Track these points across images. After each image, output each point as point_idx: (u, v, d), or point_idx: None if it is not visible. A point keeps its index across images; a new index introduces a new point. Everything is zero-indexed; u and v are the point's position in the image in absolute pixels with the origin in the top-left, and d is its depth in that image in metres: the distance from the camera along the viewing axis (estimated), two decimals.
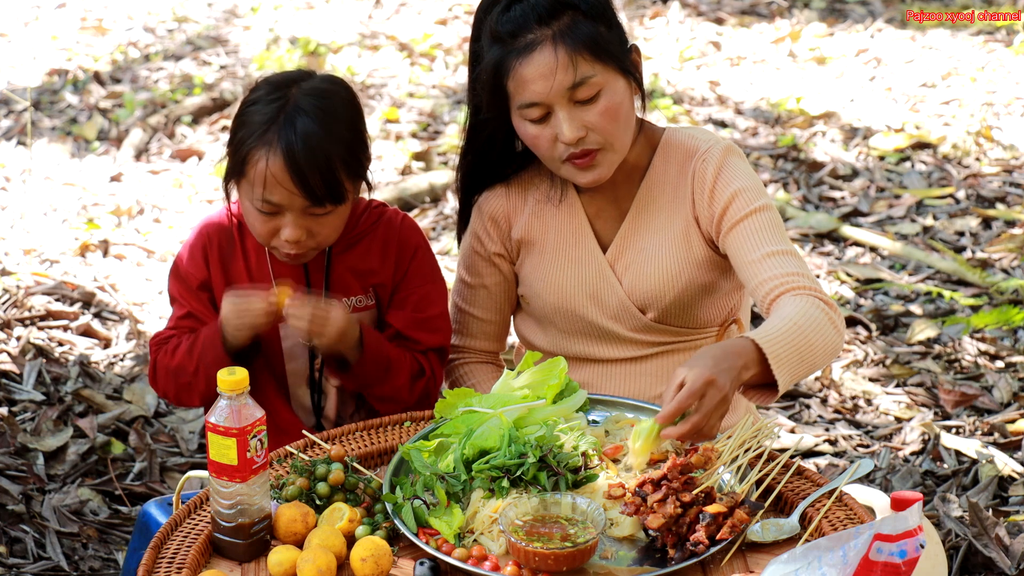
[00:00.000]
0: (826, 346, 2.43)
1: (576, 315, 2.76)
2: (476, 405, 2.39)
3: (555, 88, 2.54)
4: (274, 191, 2.54)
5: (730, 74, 7.15)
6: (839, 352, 2.55)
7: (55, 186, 5.57)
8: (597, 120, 2.57)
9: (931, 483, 3.72)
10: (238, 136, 2.60)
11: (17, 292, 4.50)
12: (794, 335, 2.37)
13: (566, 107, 2.55)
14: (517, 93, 2.57)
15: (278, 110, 2.57)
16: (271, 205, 2.56)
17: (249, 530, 2.15)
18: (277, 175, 2.53)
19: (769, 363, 2.31)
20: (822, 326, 2.42)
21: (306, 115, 2.55)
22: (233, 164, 2.61)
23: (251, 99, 2.62)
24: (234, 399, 2.10)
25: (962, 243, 5.25)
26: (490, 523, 2.17)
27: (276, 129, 2.55)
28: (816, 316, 2.43)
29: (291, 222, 2.58)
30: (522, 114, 2.59)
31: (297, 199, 2.55)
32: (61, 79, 7.08)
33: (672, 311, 2.73)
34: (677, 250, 2.70)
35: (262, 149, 2.54)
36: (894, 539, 1.89)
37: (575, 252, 2.76)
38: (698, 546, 2.09)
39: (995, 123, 6.31)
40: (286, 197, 2.55)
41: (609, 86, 2.58)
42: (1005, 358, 4.36)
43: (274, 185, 2.54)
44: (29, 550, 3.43)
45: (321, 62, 7.30)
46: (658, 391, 2.76)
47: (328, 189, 2.55)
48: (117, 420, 3.97)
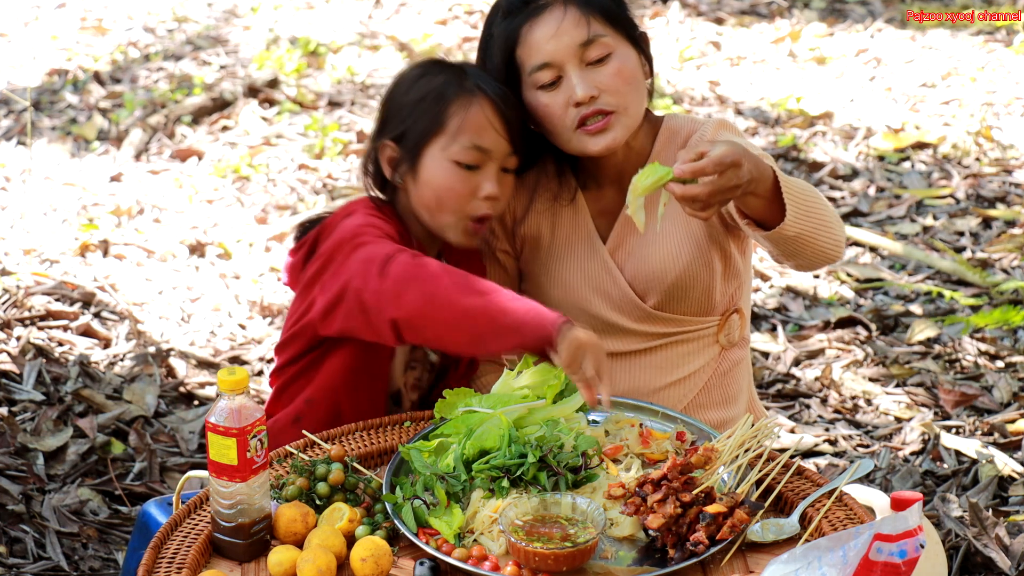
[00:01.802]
0: (831, 224, 2.45)
1: (580, 309, 2.77)
2: (476, 405, 2.39)
3: (565, 45, 2.54)
4: (485, 135, 2.55)
5: (730, 74, 7.15)
6: (839, 249, 2.52)
7: (55, 186, 5.57)
8: (609, 81, 2.56)
9: (931, 483, 3.72)
10: (426, 99, 2.58)
11: (17, 292, 4.50)
12: (806, 190, 2.42)
13: (577, 67, 2.56)
14: (528, 59, 2.58)
15: (460, 72, 2.60)
16: (478, 152, 2.56)
17: (249, 530, 2.15)
18: (489, 116, 2.55)
19: (781, 189, 2.34)
20: (832, 212, 2.47)
21: (489, 78, 2.61)
22: (426, 124, 2.58)
23: (416, 74, 2.64)
24: (234, 399, 2.10)
25: (962, 243, 5.25)
26: (490, 523, 2.17)
27: (473, 82, 2.58)
28: (829, 205, 2.48)
29: (492, 174, 2.58)
30: (534, 80, 2.58)
31: (503, 144, 2.57)
32: (61, 79, 7.07)
33: (673, 295, 2.73)
34: (678, 229, 2.71)
35: (467, 97, 2.56)
36: (894, 539, 1.90)
37: (578, 248, 2.77)
38: (698, 546, 2.09)
39: (995, 123, 6.31)
40: (494, 141, 2.56)
41: (620, 51, 2.59)
42: (1005, 358, 4.36)
43: (485, 128, 2.55)
44: (29, 550, 3.43)
45: (321, 62, 7.29)
46: (660, 383, 2.77)
47: (522, 140, 2.60)
48: (117, 420, 3.97)
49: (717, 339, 2.81)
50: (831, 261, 2.54)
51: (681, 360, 2.80)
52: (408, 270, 2.35)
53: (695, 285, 2.73)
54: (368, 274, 2.38)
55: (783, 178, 2.40)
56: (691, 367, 2.80)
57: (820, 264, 2.53)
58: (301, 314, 2.60)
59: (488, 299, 2.32)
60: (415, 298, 2.33)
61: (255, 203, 5.62)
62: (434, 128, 2.57)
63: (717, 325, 2.80)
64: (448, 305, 2.32)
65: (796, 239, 2.44)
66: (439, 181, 2.58)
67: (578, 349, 2.27)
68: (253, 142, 6.25)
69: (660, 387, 2.78)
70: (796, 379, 4.34)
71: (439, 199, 2.58)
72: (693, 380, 2.81)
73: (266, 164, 6.00)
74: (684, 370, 2.80)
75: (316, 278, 2.54)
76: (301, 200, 5.67)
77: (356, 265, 2.42)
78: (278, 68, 7.07)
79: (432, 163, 2.58)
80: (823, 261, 2.52)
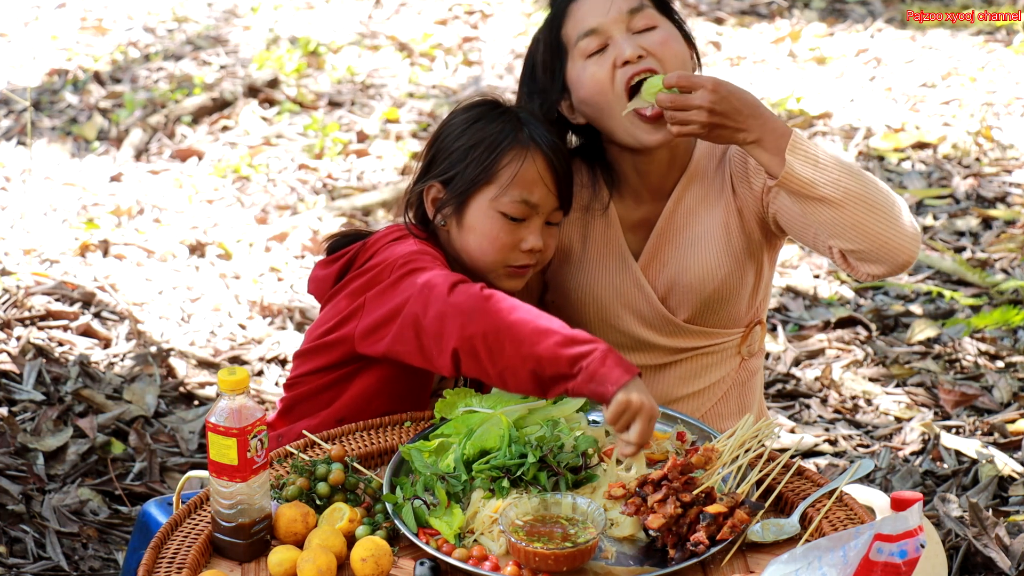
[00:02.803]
0: (880, 204, 2.39)
1: (609, 325, 2.75)
2: (476, 405, 2.39)
3: (615, 11, 2.53)
4: (534, 190, 2.54)
5: (730, 74, 7.15)
6: (900, 238, 2.40)
7: (55, 186, 5.56)
8: (656, 47, 2.55)
9: (931, 483, 3.72)
10: (479, 146, 2.56)
11: (17, 292, 4.50)
12: (845, 162, 2.41)
13: (624, 32, 2.54)
14: (575, 29, 2.56)
15: (516, 122, 2.57)
16: (526, 207, 2.54)
17: (249, 530, 2.15)
18: (541, 171, 2.53)
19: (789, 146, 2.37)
20: (887, 197, 2.41)
21: (544, 128, 2.58)
22: (477, 173, 2.55)
23: (470, 117, 2.61)
24: (234, 399, 2.10)
25: (962, 243, 5.25)
26: (490, 523, 2.17)
27: (528, 133, 2.55)
28: (887, 190, 2.43)
29: (537, 228, 2.56)
30: (580, 49, 2.56)
31: (551, 200, 2.56)
32: (61, 79, 7.07)
33: (707, 308, 2.71)
34: (716, 242, 2.68)
35: (521, 149, 2.54)
36: (894, 539, 1.89)
37: (609, 263, 2.74)
38: (698, 546, 2.09)
39: (995, 123, 6.31)
40: (543, 196, 2.55)
41: (666, 26, 2.59)
42: (1005, 358, 4.36)
43: (535, 183, 2.53)
44: (29, 550, 3.43)
45: (321, 62, 7.30)
46: (682, 393, 2.77)
47: (571, 196, 2.60)
48: (117, 420, 3.97)
49: (739, 350, 2.80)
50: (893, 252, 2.39)
51: (704, 371, 2.79)
52: (477, 299, 2.31)
53: (729, 299, 2.71)
54: (430, 298, 2.33)
55: (805, 140, 2.39)
56: (713, 377, 2.79)
57: (880, 256, 2.40)
58: (334, 326, 2.56)
59: (557, 338, 2.25)
60: (481, 328, 2.27)
61: (255, 203, 5.62)
62: (484, 178, 2.55)
63: (741, 336, 2.79)
64: (516, 341, 2.25)
65: (829, 205, 2.37)
66: (484, 229, 2.56)
67: (626, 412, 2.20)
68: (253, 142, 6.25)
69: (681, 397, 2.77)
70: (796, 379, 4.34)
71: (481, 247, 2.57)
72: (713, 390, 2.80)
73: (266, 164, 6.00)
74: (706, 380, 2.79)
75: (358, 292, 2.51)
76: (301, 200, 5.67)
77: (414, 288, 2.37)
78: (278, 68, 7.07)
79: (478, 211, 2.57)
80: (879, 250, 2.39)
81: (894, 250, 2.40)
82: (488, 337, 2.25)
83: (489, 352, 2.26)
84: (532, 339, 2.23)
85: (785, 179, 2.38)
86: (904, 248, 2.39)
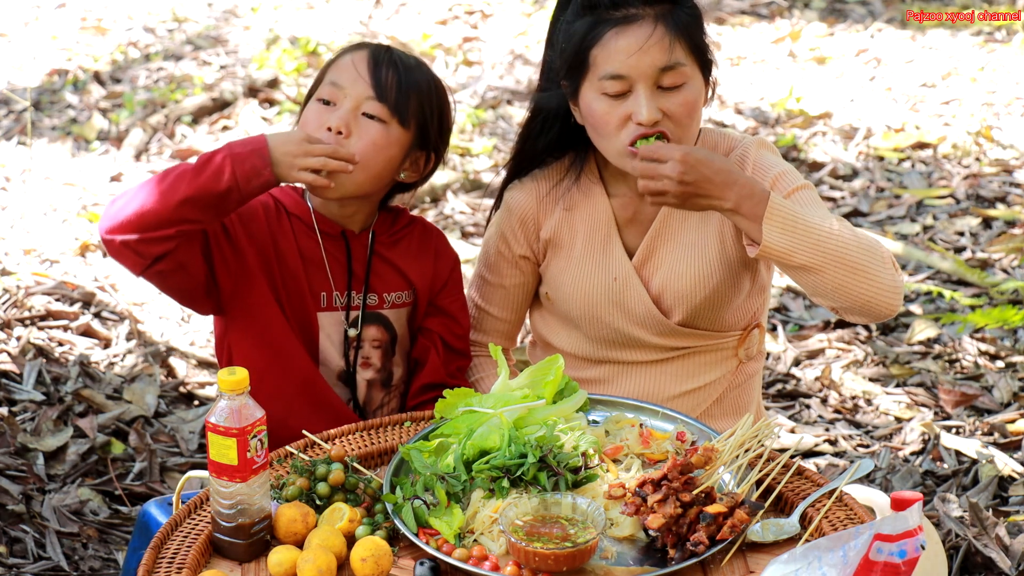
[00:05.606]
0: (860, 265, 2.40)
1: (602, 322, 2.75)
2: (476, 405, 2.39)
3: (647, 64, 2.50)
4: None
5: (730, 74, 7.15)
6: (881, 295, 2.44)
7: (55, 186, 5.56)
8: (677, 109, 2.53)
9: (931, 483, 3.72)
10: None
11: (17, 292, 4.50)
12: (825, 225, 2.41)
13: (649, 88, 2.51)
14: (603, 62, 2.53)
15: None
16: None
17: (249, 530, 2.15)
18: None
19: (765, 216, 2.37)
20: (873, 256, 2.41)
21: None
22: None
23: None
24: (234, 399, 2.10)
25: (962, 243, 5.25)
26: (490, 523, 2.17)
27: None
28: (859, 233, 2.44)
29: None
30: (601, 86, 2.53)
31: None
32: (61, 79, 7.07)
33: (699, 313, 2.71)
34: (711, 249, 2.68)
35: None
36: (894, 539, 1.90)
37: (603, 260, 2.74)
38: (698, 546, 2.09)
39: (995, 123, 6.31)
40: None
41: (693, 82, 2.56)
42: (1005, 358, 4.36)
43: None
44: (29, 550, 3.43)
45: (321, 62, 7.29)
46: (675, 392, 2.76)
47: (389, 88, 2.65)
48: (117, 420, 3.97)
49: (736, 353, 2.80)
50: (875, 308, 2.44)
51: (698, 371, 2.78)
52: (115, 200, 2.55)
53: (722, 305, 2.71)
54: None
55: (782, 204, 2.39)
56: (707, 378, 2.79)
57: (863, 312, 2.45)
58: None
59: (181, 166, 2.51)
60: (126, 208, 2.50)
61: None
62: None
63: (738, 339, 2.79)
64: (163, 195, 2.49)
65: (809, 272, 2.41)
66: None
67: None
68: None
69: (674, 395, 2.76)
70: (796, 379, 4.35)
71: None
72: (708, 391, 2.80)
73: None
74: (700, 380, 2.78)
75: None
76: None
77: None
78: (278, 68, 7.07)
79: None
80: (862, 308, 2.44)
81: (876, 306, 2.45)
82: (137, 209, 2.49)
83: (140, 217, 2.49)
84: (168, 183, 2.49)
85: (764, 252, 2.40)
86: (885, 303, 2.44)
